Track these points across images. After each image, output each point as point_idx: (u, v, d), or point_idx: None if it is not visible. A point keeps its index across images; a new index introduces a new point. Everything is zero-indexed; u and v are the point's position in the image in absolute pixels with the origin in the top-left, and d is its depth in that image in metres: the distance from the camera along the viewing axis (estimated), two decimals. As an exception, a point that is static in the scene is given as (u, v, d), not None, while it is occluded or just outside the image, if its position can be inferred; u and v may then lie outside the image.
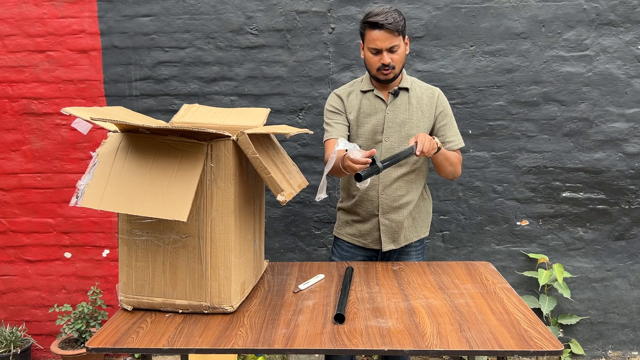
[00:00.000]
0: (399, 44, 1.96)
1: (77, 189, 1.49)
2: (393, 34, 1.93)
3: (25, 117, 2.91)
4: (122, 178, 1.50)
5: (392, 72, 2.00)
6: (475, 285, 1.84)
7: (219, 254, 1.58)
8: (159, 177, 1.49)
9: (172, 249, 1.59)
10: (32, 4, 2.81)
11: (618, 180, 2.87)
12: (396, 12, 1.95)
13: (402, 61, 2.01)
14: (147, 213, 1.45)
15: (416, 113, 2.07)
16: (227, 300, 1.59)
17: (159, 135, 1.56)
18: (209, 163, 1.54)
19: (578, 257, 2.95)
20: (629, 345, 3.00)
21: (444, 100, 2.13)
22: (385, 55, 1.96)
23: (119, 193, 1.47)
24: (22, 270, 3.03)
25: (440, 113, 2.10)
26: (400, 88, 2.08)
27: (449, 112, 2.13)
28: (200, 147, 1.53)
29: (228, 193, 1.56)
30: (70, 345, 2.84)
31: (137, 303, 1.63)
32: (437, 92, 2.13)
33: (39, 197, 2.96)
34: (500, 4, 2.76)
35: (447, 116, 2.12)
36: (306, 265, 2.07)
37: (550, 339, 1.42)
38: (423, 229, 2.23)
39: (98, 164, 1.52)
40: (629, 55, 2.77)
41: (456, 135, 2.13)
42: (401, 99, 2.08)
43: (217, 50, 2.84)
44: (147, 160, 1.52)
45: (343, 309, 1.56)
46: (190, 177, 1.49)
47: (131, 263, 1.62)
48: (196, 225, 1.57)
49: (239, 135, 1.54)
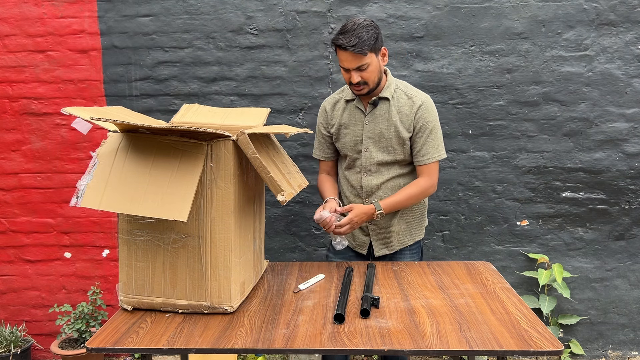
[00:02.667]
0: (367, 62, 1.91)
1: (77, 189, 1.49)
2: (359, 55, 1.88)
3: (25, 117, 2.91)
4: (122, 178, 1.50)
5: (365, 88, 1.97)
6: (475, 285, 1.84)
7: (219, 254, 1.58)
8: (159, 177, 1.49)
9: (172, 249, 1.59)
10: (32, 4, 2.81)
11: (618, 180, 2.87)
12: (365, 28, 1.88)
13: (375, 76, 1.96)
14: (147, 213, 1.45)
15: (395, 124, 2.03)
16: (227, 300, 1.59)
17: (159, 135, 1.56)
18: (209, 163, 1.54)
19: (578, 257, 2.95)
20: (629, 345, 3.00)
21: (425, 112, 2.02)
22: (353, 74, 1.93)
23: (119, 193, 1.47)
24: (22, 270, 3.03)
25: (420, 127, 2.03)
26: (380, 98, 2.04)
27: (430, 125, 2.03)
28: (200, 147, 1.53)
29: (228, 193, 1.56)
30: (70, 345, 2.84)
31: (137, 303, 1.63)
32: (419, 104, 2.03)
33: (39, 197, 2.97)
34: (500, 4, 2.76)
35: (426, 130, 2.02)
36: (306, 265, 2.07)
37: (550, 339, 1.42)
38: (418, 232, 2.21)
39: (98, 164, 1.52)
40: (629, 55, 2.77)
41: (431, 149, 2.04)
42: (381, 109, 2.05)
43: (217, 50, 2.84)
44: (147, 160, 1.52)
45: (343, 309, 1.56)
46: (191, 177, 1.49)
47: (131, 263, 1.62)
48: (196, 225, 1.57)
49: (238, 135, 1.54)
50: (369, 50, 1.89)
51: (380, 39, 1.95)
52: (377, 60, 1.95)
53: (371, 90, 2.00)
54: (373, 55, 1.92)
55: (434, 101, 2.11)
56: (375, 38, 1.91)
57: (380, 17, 2.78)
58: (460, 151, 2.87)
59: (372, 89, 1.99)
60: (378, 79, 1.99)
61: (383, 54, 1.98)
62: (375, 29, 1.93)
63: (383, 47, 1.98)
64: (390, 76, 2.08)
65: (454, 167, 2.89)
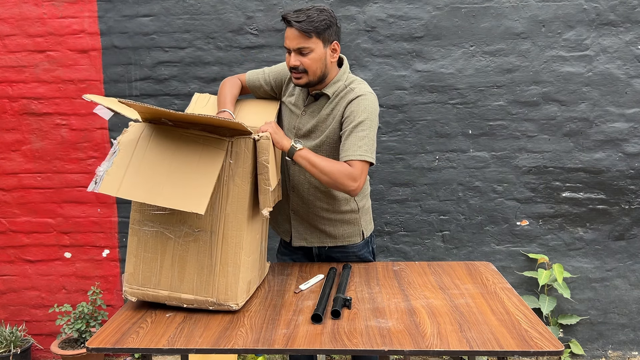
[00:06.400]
0: (310, 47, 1.77)
1: (96, 174, 1.49)
2: (303, 34, 1.75)
3: (25, 117, 2.90)
4: (142, 167, 1.49)
5: (303, 77, 1.82)
6: (475, 286, 1.84)
7: (230, 251, 1.57)
8: (179, 169, 1.49)
9: (182, 243, 1.58)
10: (32, 4, 2.81)
11: (618, 180, 2.87)
12: (318, 12, 1.77)
13: (317, 67, 1.81)
14: (165, 204, 1.45)
15: (327, 122, 1.89)
16: (234, 297, 1.58)
17: (181, 128, 1.55)
18: (228, 159, 1.54)
19: (578, 257, 2.95)
20: (629, 345, 3.00)
21: (356, 106, 1.82)
22: (292, 56, 1.80)
23: (137, 181, 1.47)
24: (22, 270, 3.03)
25: (346, 119, 1.82)
26: (322, 93, 1.90)
27: (359, 120, 1.80)
28: (222, 142, 1.53)
29: (244, 191, 1.56)
30: (70, 345, 2.84)
31: (142, 295, 1.62)
32: (354, 97, 1.84)
33: (39, 197, 2.96)
34: (500, 4, 2.76)
35: (352, 123, 1.80)
36: (306, 265, 2.07)
37: (551, 339, 1.42)
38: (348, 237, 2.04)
39: (118, 151, 1.52)
40: (629, 55, 2.77)
41: (354, 147, 1.77)
42: (318, 105, 1.91)
43: (217, 50, 2.84)
44: (167, 151, 1.52)
45: (321, 310, 1.55)
46: (210, 172, 1.49)
47: (139, 254, 1.60)
48: (209, 220, 1.57)
49: (262, 138, 1.54)
50: (315, 33, 1.76)
51: (334, 31, 1.83)
52: (324, 51, 1.81)
53: (311, 83, 1.86)
54: (319, 42, 1.79)
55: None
56: (326, 25, 1.78)
57: (380, 17, 2.78)
58: (460, 151, 2.87)
59: (311, 82, 1.85)
60: (321, 73, 1.84)
61: (333, 49, 1.84)
62: (331, 18, 1.81)
63: (335, 42, 1.84)
64: (344, 74, 1.92)
65: (454, 167, 2.89)
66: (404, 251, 2.98)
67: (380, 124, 2.85)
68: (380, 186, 2.90)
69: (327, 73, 1.87)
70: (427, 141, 2.87)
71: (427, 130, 2.86)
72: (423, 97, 2.82)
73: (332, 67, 1.89)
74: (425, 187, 2.91)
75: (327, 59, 1.84)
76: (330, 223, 2.02)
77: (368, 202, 2.13)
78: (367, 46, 2.80)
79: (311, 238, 2.05)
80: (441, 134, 2.86)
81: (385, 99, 2.83)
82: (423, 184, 2.91)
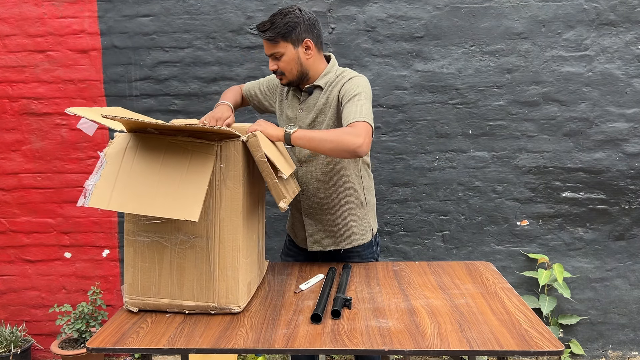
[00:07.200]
0: (281, 51, 1.84)
1: (85, 189, 1.48)
2: (270, 42, 1.83)
3: (25, 117, 2.90)
4: (131, 178, 1.48)
5: (284, 78, 1.91)
6: (475, 286, 1.84)
7: (227, 255, 1.57)
8: (169, 177, 1.48)
9: (179, 250, 1.58)
10: (32, 4, 2.81)
11: (618, 180, 2.87)
12: (283, 16, 1.81)
13: (293, 68, 1.87)
14: (157, 213, 1.44)
15: (325, 111, 1.92)
16: (235, 300, 1.58)
17: (168, 136, 1.55)
18: (218, 163, 1.54)
19: (578, 257, 2.95)
20: (629, 345, 3.00)
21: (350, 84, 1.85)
22: (270, 61, 1.89)
23: (127, 193, 1.46)
24: (22, 270, 3.03)
25: (343, 96, 1.84)
26: (315, 86, 1.94)
27: (354, 93, 1.81)
28: (210, 147, 1.53)
29: (237, 193, 1.55)
30: (70, 345, 2.84)
31: (142, 304, 1.62)
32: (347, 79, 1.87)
33: (39, 197, 2.96)
34: (500, 4, 2.76)
35: (347, 98, 1.81)
36: (306, 265, 2.07)
37: (551, 339, 1.42)
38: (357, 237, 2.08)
39: (106, 164, 1.51)
40: (629, 55, 2.77)
41: (353, 113, 1.76)
42: (313, 98, 1.95)
43: (217, 50, 2.84)
44: (156, 160, 1.51)
45: (321, 310, 1.56)
46: (201, 178, 1.48)
47: (137, 264, 1.60)
48: (204, 225, 1.56)
49: (249, 137, 1.54)
50: (280, 38, 1.81)
51: (303, 29, 1.84)
52: (295, 51, 1.85)
53: (293, 82, 1.92)
54: (288, 44, 1.84)
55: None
56: (291, 27, 1.81)
57: (380, 17, 2.78)
58: (460, 151, 2.87)
59: (293, 81, 1.91)
60: (297, 72, 1.89)
61: (307, 46, 1.86)
62: (296, 19, 1.82)
63: (307, 40, 1.86)
64: (333, 66, 1.96)
65: (454, 167, 2.89)
66: (404, 251, 2.98)
67: (380, 124, 2.85)
68: (380, 186, 2.90)
69: (307, 70, 1.91)
70: (427, 141, 2.87)
71: (427, 130, 2.86)
72: (423, 97, 2.82)
73: (312, 63, 1.91)
74: (425, 187, 2.91)
75: (300, 57, 1.88)
76: (342, 220, 2.04)
77: (373, 199, 2.16)
78: (367, 46, 2.81)
79: (326, 241, 2.07)
80: (441, 134, 2.86)
81: (385, 99, 2.83)
82: (423, 184, 2.91)
